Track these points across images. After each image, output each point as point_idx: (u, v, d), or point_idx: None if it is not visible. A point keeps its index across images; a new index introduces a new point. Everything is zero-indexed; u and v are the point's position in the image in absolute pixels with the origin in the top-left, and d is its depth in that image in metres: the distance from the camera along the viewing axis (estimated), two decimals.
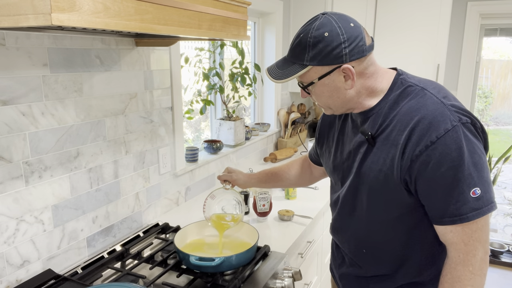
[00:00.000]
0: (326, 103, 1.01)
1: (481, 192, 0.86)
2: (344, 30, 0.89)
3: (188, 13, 1.04)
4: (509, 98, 7.82)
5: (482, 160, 0.88)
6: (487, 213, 0.86)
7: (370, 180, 0.98)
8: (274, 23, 2.65)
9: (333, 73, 0.92)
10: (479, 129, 0.90)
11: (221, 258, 1.17)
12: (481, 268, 0.89)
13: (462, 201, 0.86)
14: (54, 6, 0.69)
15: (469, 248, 0.88)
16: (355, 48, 0.90)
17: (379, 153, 0.96)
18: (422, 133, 0.87)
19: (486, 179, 0.87)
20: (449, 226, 0.89)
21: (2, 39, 1.03)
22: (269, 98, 2.80)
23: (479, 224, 0.87)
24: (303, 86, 0.98)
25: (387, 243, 1.03)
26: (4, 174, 1.08)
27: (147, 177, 1.61)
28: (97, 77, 1.32)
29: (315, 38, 0.90)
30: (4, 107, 1.05)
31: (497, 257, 3.17)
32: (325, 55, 0.90)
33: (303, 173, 1.43)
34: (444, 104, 0.89)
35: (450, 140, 0.85)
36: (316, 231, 1.89)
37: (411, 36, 2.76)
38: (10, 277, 1.12)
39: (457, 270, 0.90)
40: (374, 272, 1.08)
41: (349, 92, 0.96)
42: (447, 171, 0.85)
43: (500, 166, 3.22)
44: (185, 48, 2.04)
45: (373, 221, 1.03)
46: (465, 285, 0.89)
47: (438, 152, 0.86)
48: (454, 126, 0.86)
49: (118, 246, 1.42)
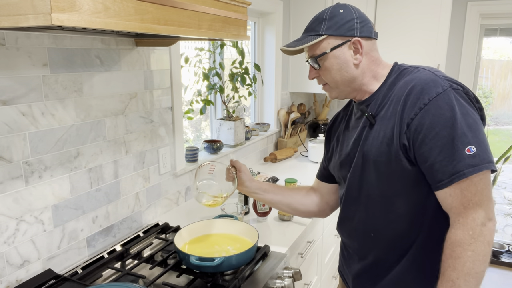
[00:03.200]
0: (334, 79, 1.06)
1: (476, 150, 0.87)
2: (357, 11, 1.03)
3: (188, 13, 1.04)
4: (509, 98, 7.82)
5: (477, 123, 0.90)
6: (484, 169, 0.86)
7: (373, 155, 1.01)
8: (274, 23, 2.65)
9: (344, 46, 1.02)
10: (472, 98, 0.94)
11: (221, 258, 1.17)
12: (483, 234, 0.87)
13: (458, 158, 0.87)
14: (54, 6, 0.69)
15: (468, 212, 0.88)
16: (365, 26, 1.02)
17: (379, 128, 1.01)
18: (416, 98, 0.93)
19: (482, 140, 0.88)
20: (448, 189, 0.89)
21: (2, 39, 1.03)
22: (269, 98, 2.80)
23: (479, 187, 0.87)
24: (316, 57, 1.04)
25: (393, 222, 1.02)
26: (4, 174, 1.08)
27: (147, 177, 1.61)
28: (97, 77, 1.32)
29: (332, 13, 1.01)
30: (4, 107, 1.06)
31: (497, 257, 3.17)
32: (340, 26, 1.00)
33: (306, 195, 1.33)
34: (436, 74, 0.95)
35: (442, 102, 0.90)
36: (316, 231, 1.89)
37: (411, 36, 2.76)
38: (10, 277, 1.12)
39: (457, 234, 0.89)
40: (384, 258, 1.07)
41: (356, 68, 1.03)
42: (441, 131, 0.88)
43: (500, 166, 3.22)
44: (185, 48, 2.05)
45: (378, 199, 1.03)
46: (465, 250, 0.87)
47: (431, 113, 0.90)
48: (445, 90, 0.91)
49: (118, 246, 1.42)
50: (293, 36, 2.89)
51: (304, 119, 3.16)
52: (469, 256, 0.87)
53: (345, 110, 1.21)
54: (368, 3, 2.79)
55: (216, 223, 1.45)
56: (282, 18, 2.74)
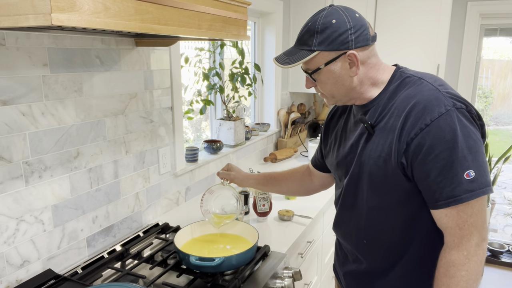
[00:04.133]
0: (330, 91, 1.03)
1: (475, 174, 0.86)
2: (351, 18, 0.95)
3: (188, 13, 1.04)
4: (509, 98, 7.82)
5: (478, 145, 0.89)
6: (481, 195, 0.86)
7: (370, 167, 1.00)
8: (274, 23, 2.65)
9: (339, 59, 0.96)
10: (475, 116, 0.92)
11: (221, 258, 1.17)
12: (477, 254, 0.88)
13: (456, 182, 0.87)
14: (54, 6, 0.69)
15: (464, 233, 0.88)
16: (360, 36, 0.95)
17: (377, 140, 0.98)
18: (417, 117, 0.90)
19: (481, 163, 0.88)
20: (444, 210, 0.89)
21: (2, 39, 1.03)
22: (269, 98, 2.80)
23: (475, 209, 0.87)
24: (310, 72, 1.01)
25: (387, 232, 1.03)
26: (4, 174, 1.08)
27: (147, 177, 1.61)
28: (97, 77, 1.32)
29: (323, 25, 0.94)
30: (4, 107, 1.06)
31: (497, 257, 3.17)
32: (333, 40, 0.94)
33: (302, 181, 1.41)
34: (439, 91, 0.92)
35: (444, 123, 0.87)
36: (316, 231, 1.89)
37: (411, 36, 2.76)
38: (10, 277, 1.12)
39: (452, 254, 0.90)
40: (376, 265, 1.08)
41: (353, 80, 1.00)
42: (441, 153, 0.87)
43: (500, 166, 3.22)
44: (185, 48, 2.05)
45: (373, 209, 1.04)
46: (459, 270, 0.88)
47: (432, 135, 0.88)
48: (448, 110, 0.88)
49: (118, 246, 1.42)
50: (293, 36, 2.89)
51: (304, 119, 3.16)
52: (463, 276, 0.88)
53: (344, 106, 1.19)
54: (368, 3, 2.79)
55: None
56: (282, 18, 2.74)
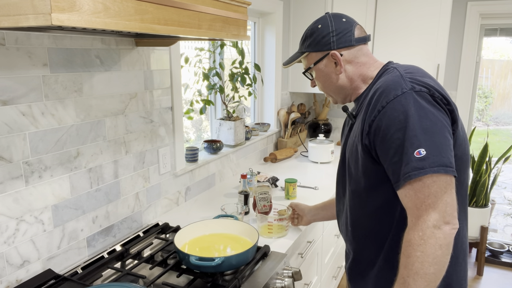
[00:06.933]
0: (324, 88, 1.17)
1: (426, 153, 0.87)
2: (334, 23, 1.09)
3: (188, 13, 1.04)
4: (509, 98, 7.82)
5: (437, 126, 0.89)
6: (430, 173, 0.87)
7: (348, 154, 1.09)
8: (274, 23, 2.66)
9: (325, 59, 1.11)
10: (439, 99, 0.92)
11: (221, 258, 1.17)
12: (435, 237, 0.87)
13: (406, 160, 0.89)
14: (54, 6, 0.69)
15: (420, 213, 0.89)
16: (342, 37, 1.08)
17: (355, 128, 1.07)
18: (377, 100, 0.96)
19: (438, 144, 0.88)
20: (403, 190, 0.91)
21: (2, 39, 1.03)
22: (269, 98, 2.80)
23: (432, 190, 0.88)
24: (303, 71, 1.17)
25: (366, 219, 1.06)
26: (4, 174, 1.08)
27: (147, 177, 1.61)
28: (97, 77, 1.32)
29: (311, 30, 1.12)
30: (4, 107, 1.06)
31: (497, 257, 3.17)
32: (317, 42, 1.11)
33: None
34: (402, 76, 0.96)
35: (398, 104, 0.91)
36: (316, 231, 1.89)
37: (411, 36, 2.76)
38: (10, 277, 1.12)
39: (409, 234, 0.91)
40: (362, 255, 1.11)
41: (340, 77, 1.12)
42: (395, 133, 0.91)
43: (500, 166, 3.22)
44: (185, 48, 2.05)
45: (353, 194, 1.09)
46: (415, 250, 0.89)
47: (387, 116, 0.93)
48: (404, 93, 0.92)
49: (118, 246, 1.42)
50: (293, 36, 2.90)
51: (304, 119, 3.16)
52: (417, 256, 0.89)
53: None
54: (368, 4, 2.79)
55: (216, 223, 1.45)
56: (282, 18, 2.74)
